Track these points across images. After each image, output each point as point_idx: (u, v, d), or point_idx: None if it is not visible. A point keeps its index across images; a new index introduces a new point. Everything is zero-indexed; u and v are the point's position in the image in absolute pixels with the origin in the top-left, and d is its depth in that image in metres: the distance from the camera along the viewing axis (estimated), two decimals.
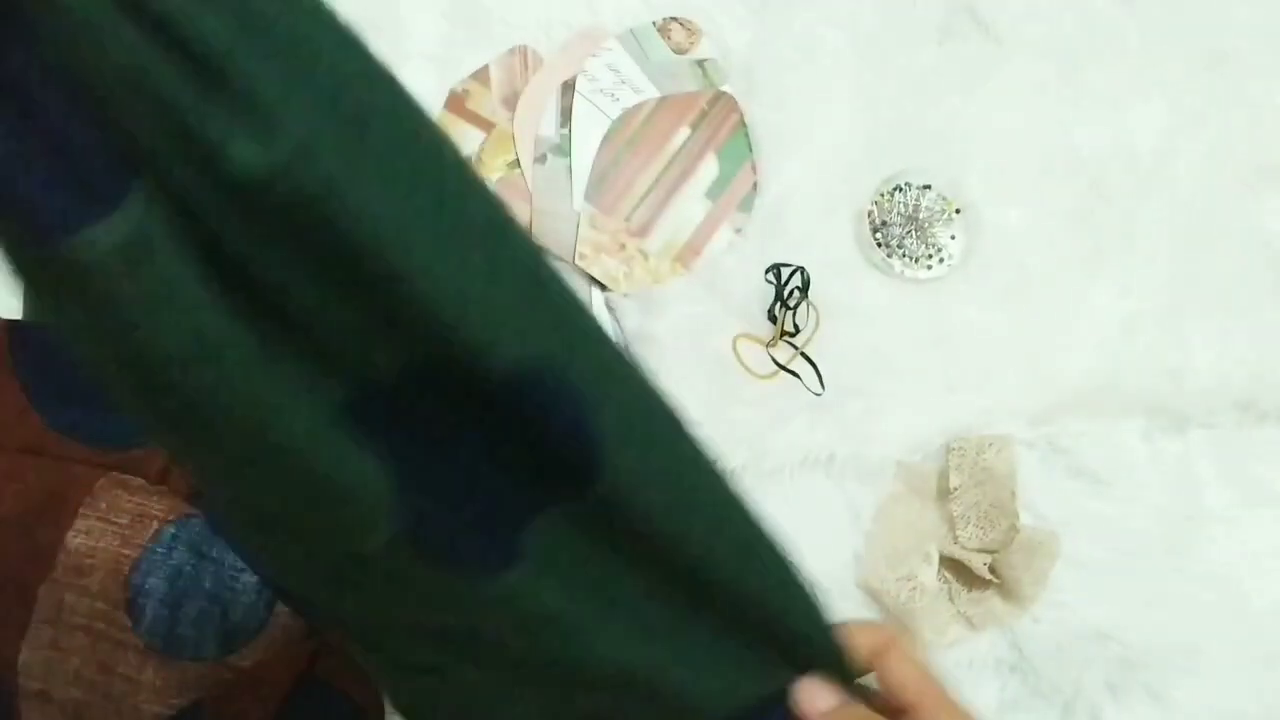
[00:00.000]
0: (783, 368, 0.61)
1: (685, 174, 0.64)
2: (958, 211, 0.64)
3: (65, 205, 0.21)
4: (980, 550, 0.59)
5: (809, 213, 0.64)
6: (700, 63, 0.66)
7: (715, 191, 0.64)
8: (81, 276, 0.21)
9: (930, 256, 0.64)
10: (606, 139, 0.64)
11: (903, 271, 0.63)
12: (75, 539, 0.50)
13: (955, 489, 0.60)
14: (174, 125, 0.21)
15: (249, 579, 0.51)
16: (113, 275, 0.21)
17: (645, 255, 0.62)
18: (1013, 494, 0.59)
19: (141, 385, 0.23)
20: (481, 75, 0.65)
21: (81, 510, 0.50)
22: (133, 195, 0.21)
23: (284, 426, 0.25)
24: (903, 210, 0.64)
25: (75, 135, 0.21)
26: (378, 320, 0.25)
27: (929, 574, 0.59)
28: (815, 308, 0.62)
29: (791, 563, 0.38)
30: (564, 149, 0.64)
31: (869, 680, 0.40)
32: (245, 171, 0.22)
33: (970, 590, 0.60)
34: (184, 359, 0.23)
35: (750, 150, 0.64)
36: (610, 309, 0.63)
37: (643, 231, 0.63)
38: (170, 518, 0.51)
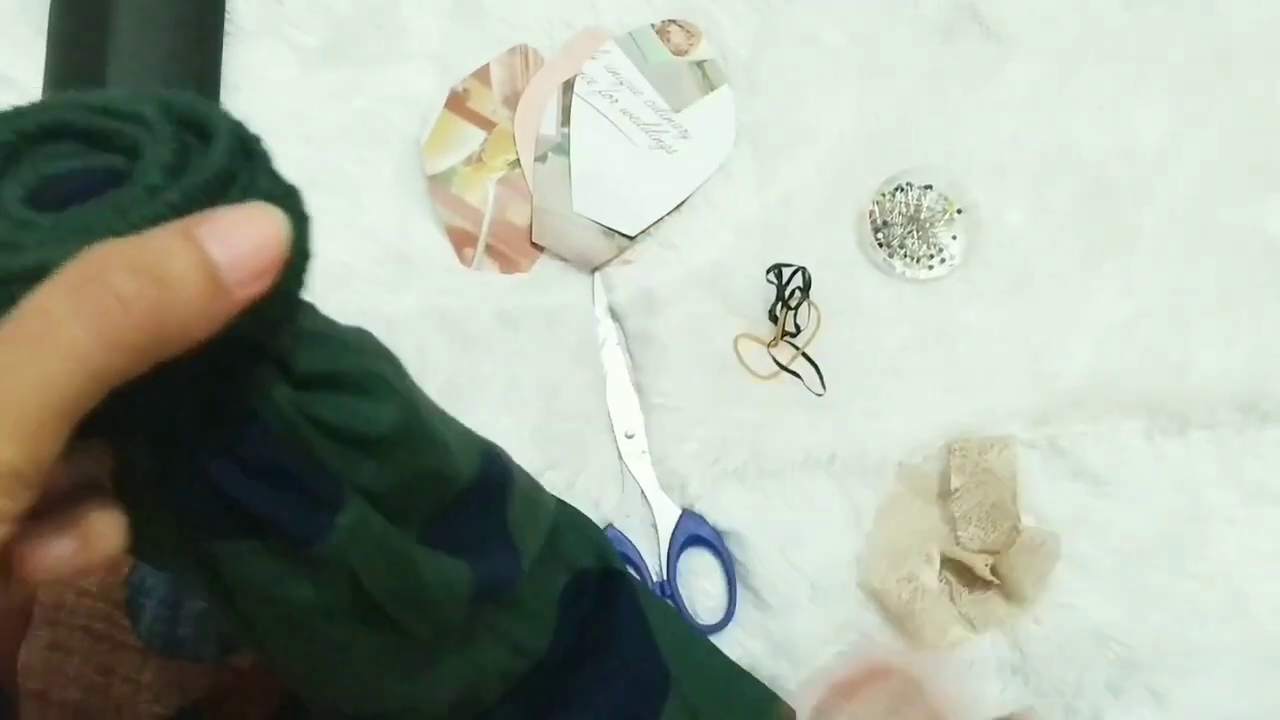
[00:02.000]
0: (784, 368, 0.61)
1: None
2: (959, 211, 0.64)
3: (313, 518, 0.30)
4: (982, 551, 0.59)
5: (810, 213, 0.64)
6: (699, 64, 0.66)
7: None
8: (336, 561, 0.31)
9: (932, 256, 0.64)
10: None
11: (904, 271, 0.63)
12: None
13: (956, 490, 0.60)
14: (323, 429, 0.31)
15: None
16: (352, 550, 0.31)
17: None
18: (1014, 495, 0.59)
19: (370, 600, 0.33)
20: (482, 74, 0.65)
21: None
22: (348, 497, 0.31)
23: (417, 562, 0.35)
24: (904, 210, 0.64)
25: (300, 472, 0.30)
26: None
27: (930, 575, 0.59)
28: (816, 308, 0.62)
29: None
30: (565, 148, 0.64)
31: None
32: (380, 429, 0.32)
33: (971, 591, 0.60)
34: (393, 565, 0.33)
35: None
36: (611, 310, 0.63)
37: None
38: None
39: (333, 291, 0.61)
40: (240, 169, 0.25)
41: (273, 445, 0.29)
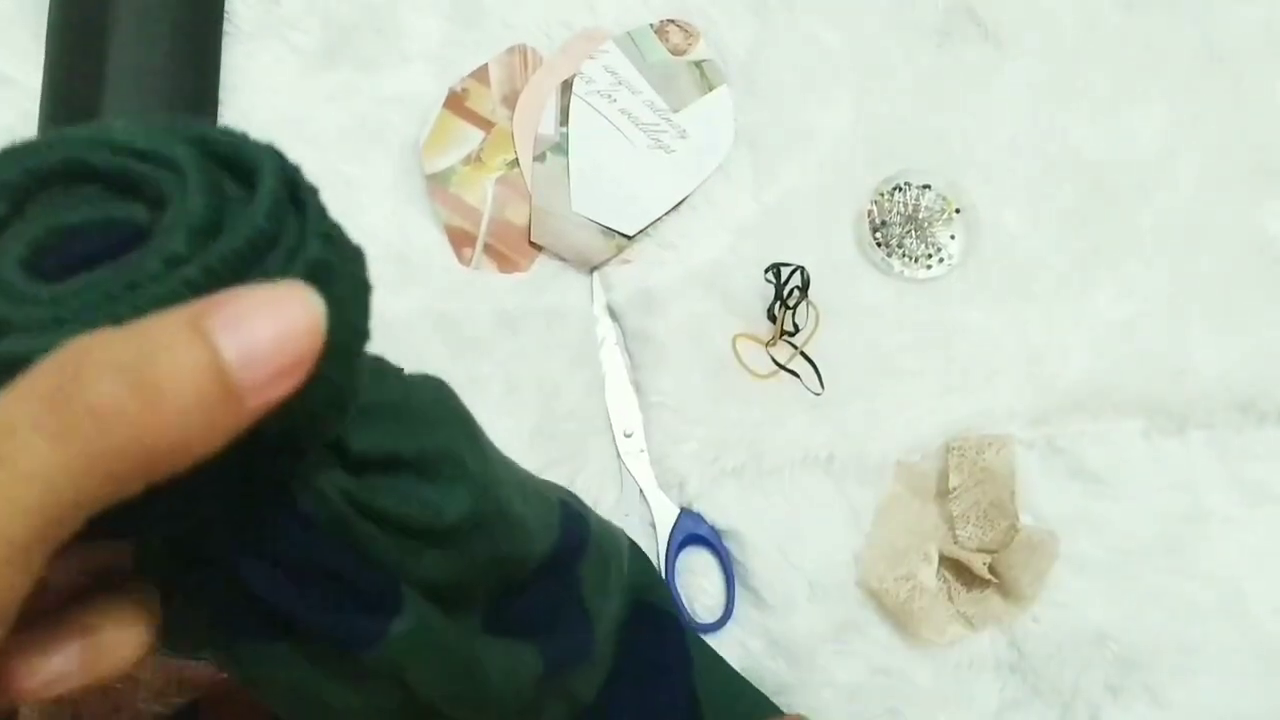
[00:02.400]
0: (782, 367, 0.61)
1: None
2: (957, 211, 0.64)
3: (363, 624, 0.26)
4: (980, 550, 0.59)
5: (808, 212, 0.64)
6: (698, 64, 0.66)
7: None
8: (387, 668, 0.27)
9: (930, 256, 0.64)
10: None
11: (902, 271, 0.63)
12: None
13: (955, 489, 0.60)
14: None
15: None
16: (406, 655, 0.27)
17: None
18: (1012, 494, 0.59)
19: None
20: (481, 74, 0.65)
21: None
22: (406, 599, 0.27)
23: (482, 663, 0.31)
24: (902, 210, 0.64)
25: (349, 572, 0.26)
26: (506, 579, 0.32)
27: (928, 574, 0.59)
28: (815, 307, 0.62)
29: None
30: (563, 147, 0.64)
31: None
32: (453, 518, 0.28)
33: (970, 590, 0.60)
34: (453, 668, 0.29)
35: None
36: (610, 310, 0.63)
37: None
38: None
39: None
40: (286, 228, 0.21)
41: (317, 541, 0.25)
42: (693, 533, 0.60)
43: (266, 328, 0.18)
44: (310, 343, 0.19)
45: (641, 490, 0.61)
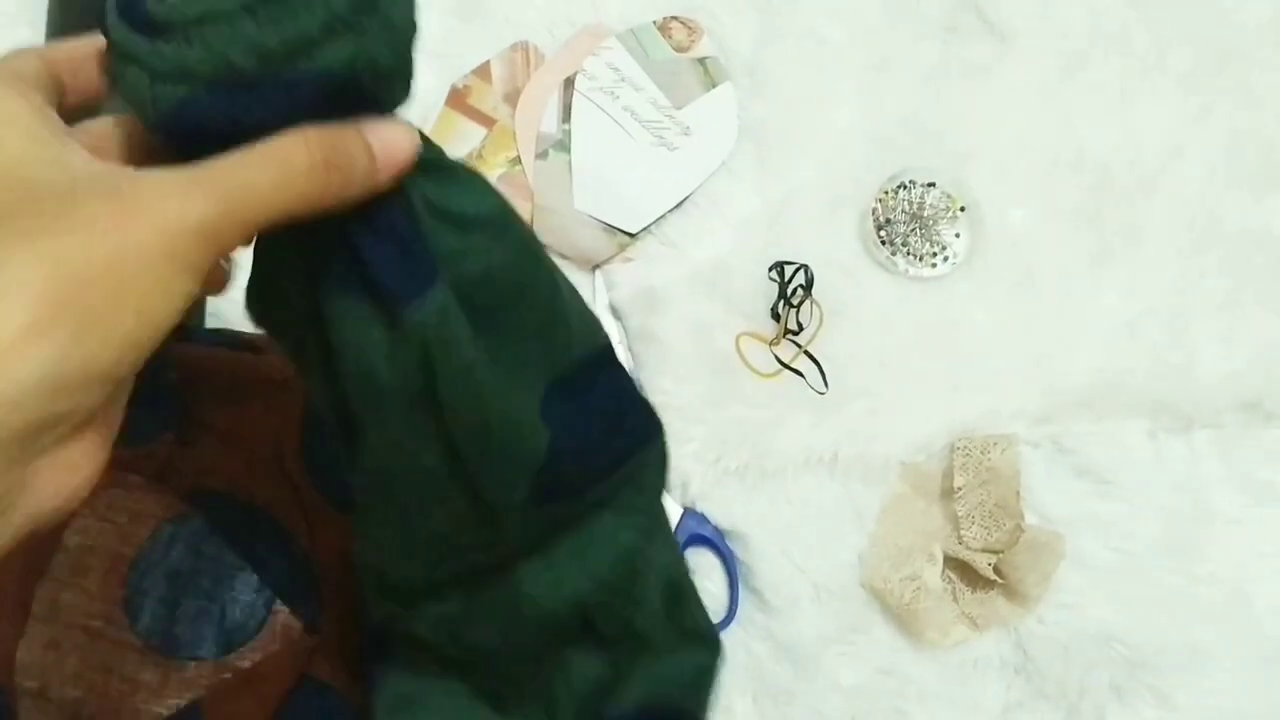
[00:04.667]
0: (786, 366, 0.61)
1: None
2: (962, 209, 0.64)
3: (404, 282, 0.32)
4: (985, 550, 0.59)
5: (812, 210, 0.64)
6: (701, 60, 0.65)
7: None
8: (416, 336, 0.32)
9: (934, 255, 0.63)
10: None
11: (907, 270, 0.63)
12: (73, 538, 0.50)
13: (960, 489, 0.59)
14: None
15: (248, 578, 0.50)
16: (432, 331, 0.32)
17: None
18: (1017, 494, 0.59)
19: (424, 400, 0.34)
20: (483, 71, 0.65)
21: (79, 509, 0.50)
22: (439, 279, 0.33)
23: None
24: (907, 208, 0.63)
25: (407, 238, 0.32)
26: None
27: (933, 574, 0.59)
28: (819, 306, 0.62)
29: None
30: (566, 145, 0.64)
31: None
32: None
33: (975, 590, 0.59)
34: (461, 372, 0.34)
35: None
36: (613, 309, 0.63)
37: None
38: (168, 516, 0.50)
39: None
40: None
41: (392, 210, 0.32)
42: (696, 533, 0.60)
43: (393, 142, 0.30)
44: (409, 156, 0.31)
45: None
